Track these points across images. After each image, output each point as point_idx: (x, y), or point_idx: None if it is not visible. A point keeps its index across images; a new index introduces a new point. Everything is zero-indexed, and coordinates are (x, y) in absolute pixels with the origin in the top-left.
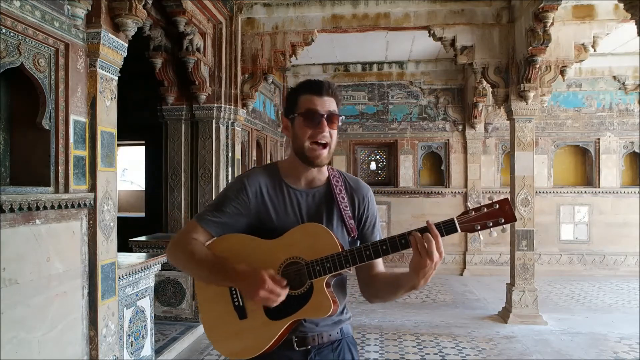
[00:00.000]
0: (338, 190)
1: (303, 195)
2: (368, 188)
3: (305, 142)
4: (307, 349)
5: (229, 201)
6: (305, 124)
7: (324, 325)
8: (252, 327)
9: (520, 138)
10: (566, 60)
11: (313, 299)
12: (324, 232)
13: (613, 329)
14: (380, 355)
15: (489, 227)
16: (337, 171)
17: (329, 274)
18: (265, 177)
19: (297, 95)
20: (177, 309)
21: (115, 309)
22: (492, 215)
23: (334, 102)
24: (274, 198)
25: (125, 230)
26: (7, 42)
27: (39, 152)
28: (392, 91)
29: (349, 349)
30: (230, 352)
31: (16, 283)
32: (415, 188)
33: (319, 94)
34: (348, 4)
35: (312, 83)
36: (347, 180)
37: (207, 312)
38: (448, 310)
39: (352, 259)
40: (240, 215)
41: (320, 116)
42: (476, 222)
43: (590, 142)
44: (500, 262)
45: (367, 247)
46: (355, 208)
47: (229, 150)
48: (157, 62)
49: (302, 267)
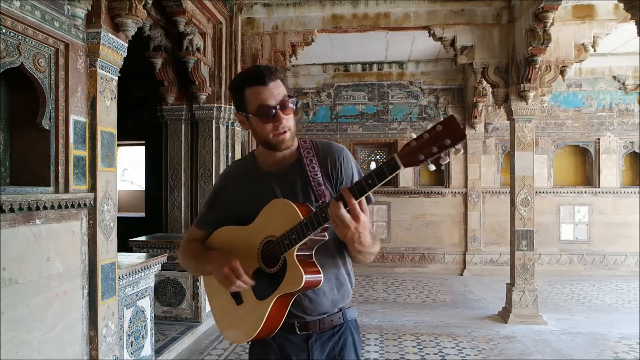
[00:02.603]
0: (308, 161)
1: (276, 176)
2: (342, 148)
3: (269, 136)
4: (308, 334)
5: (214, 197)
6: (262, 120)
7: (323, 304)
8: (246, 311)
9: (520, 138)
10: (566, 60)
11: (287, 273)
12: (286, 204)
13: (613, 329)
14: (380, 355)
15: (434, 153)
16: (309, 141)
17: (295, 244)
18: (242, 167)
19: (242, 89)
20: (177, 309)
21: (115, 309)
22: (436, 139)
23: (281, 85)
24: (249, 185)
25: (125, 230)
26: (7, 42)
27: (39, 152)
28: (392, 91)
29: (350, 333)
30: (234, 338)
31: (16, 283)
32: (415, 188)
33: (263, 83)
34: (348, 4)
35: (253, 74)
36: (318, 147)
37: (214, 305)
38: (448, 310)
39: (312, 224)
40: (227, 208)
41: (274, 108)
42: (419, 151)
43: (590, 142)
44: (500, 262)
45: (322, 209)
46: (329, 172)
47: (229, 150)
48: (157, 62)
49: (274, 244)
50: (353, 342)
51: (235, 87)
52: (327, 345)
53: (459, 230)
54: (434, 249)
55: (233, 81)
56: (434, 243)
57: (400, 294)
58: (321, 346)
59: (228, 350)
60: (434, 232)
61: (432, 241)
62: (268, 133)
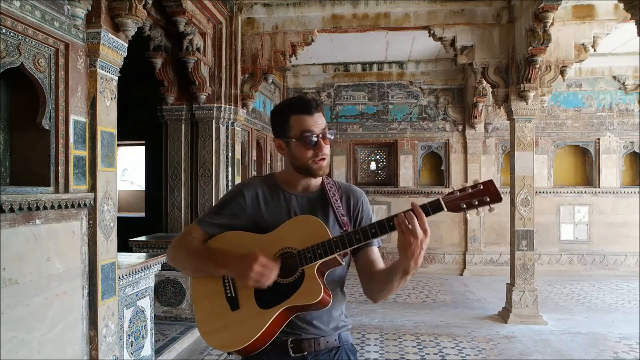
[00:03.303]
0: (332, 194)
1: (298, 198)
2: (362, 192)
3: (308, 162)
4: (303, 356)
5: (226, 204)
6: (304, 147)
7: (322, 329)
8: (243, 317)
9: (520, 138)
10: (566, 60)
11: (304, 285)
12: (314, 221)
13: (613, 329)
14: (380, 355)
15: (474, 205)
16: (331, 179)
17: (320, 259)
18: (262, 183)
19: (287, 116)
20: (177, 309)
21: (115, 309)
22: (477, 194)
23: (322, 116)
24: (269, 201)
25: (125, 230)
26: (7, 42)
27: (39, 152)
28: (392, 91)
29: (347, 357)
30: (221, 344)
31: (16, 283)
32: (415, 188)
33: (309, 113)
34: (348, 4)
35: (300, 103)
36: (340, 186)
37: (200, 308)
38: (448, 310)
39: (342, 244)
40: (236, 218)
41: (317, 137)
42: (461, 201)
43: (590, 142)
44: (500, 262)
45: (356, 231)
46: (350, 210)
47: (229, 150)
48: (157, 62)
49: (293, 255)
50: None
51: (279, 112)
52: None
53: (459, 230)
54: (433, 249)
55: (278, 106)
56: (434, 243)
57: (400, 294)
58: None
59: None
60: (434, 232)
61: (432, 241)
62: (308, 159)
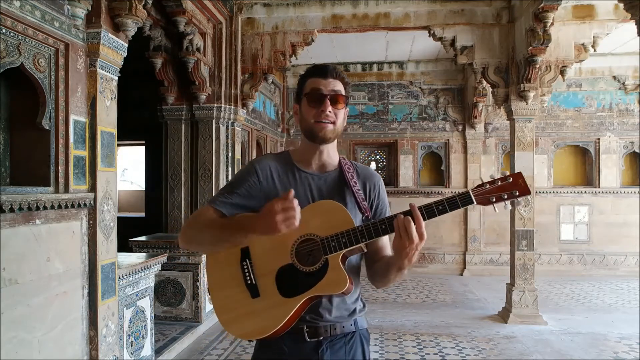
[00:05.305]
0: (350, 176)
1: (315, 178)
2: (379, 176)
3: (310, 120)
4: (318, 341)
5: (239, 183)
6: (310, 104)
7: (338, 315)
8: (265, 306)
9: (520, 138)
10: (566, 60)
11: (329, 274)
12: (338, 208)
13: (613, 329)
14: (380, 355)
15: (504, 199)
16: (348, 160)
17: (344, 249)
18: (276, 161)
19: (304, 79)
20: (177, 309)
21: (115, 309)
22: (506, 188)
23: (340, 84)
24: (284, 180)
25: (125, 230)
26: (7, 42)
27: (39, 152)
28: (392, 91)
29: (361, 344)
30: (243, 333)
31: (16, 283)
32: (415, 188)
33: (324, 76)
34: (348, 4)
35: (318, 66)
36: (357, 168)
37: (218, 295)
38: (448, 310)
39: (368, 233)
40: (250, 197)
41: (324, 96)
42: (491, 194)
43: (590, 142)
44: (500, 262)
45: (382, 221)
46: (367, 194)
47: (229, 150)
48: (157, 62)
49: (316, 243)
50: (362, 355)
51: (300, 77)
52: (338, 355)
53: (459, 230)
54: (434, 249)
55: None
56: (434, 243)
57: (400, 294)
58: (332, 355)
59: (228, 351)
60: (434, 232)
61: (432, 241)
62: (311, 118)
